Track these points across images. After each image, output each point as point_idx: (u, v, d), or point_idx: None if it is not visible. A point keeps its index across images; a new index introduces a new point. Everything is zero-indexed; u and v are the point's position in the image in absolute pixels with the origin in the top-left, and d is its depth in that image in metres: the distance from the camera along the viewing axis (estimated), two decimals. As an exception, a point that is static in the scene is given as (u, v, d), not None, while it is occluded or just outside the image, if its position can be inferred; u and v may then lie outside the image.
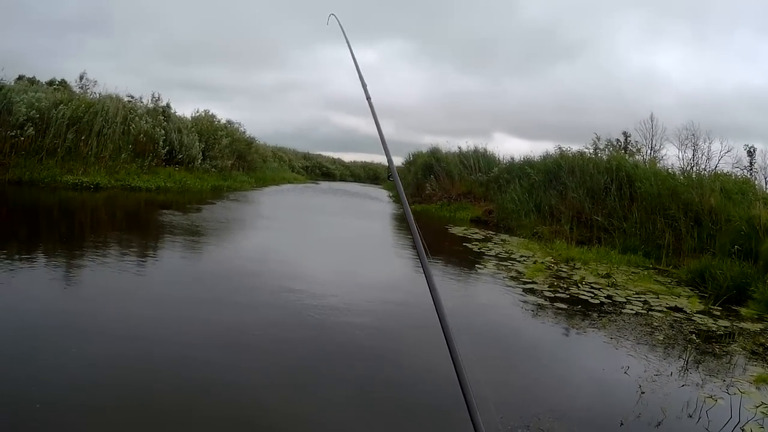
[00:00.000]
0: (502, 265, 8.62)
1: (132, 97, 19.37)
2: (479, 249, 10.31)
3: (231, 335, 4.18)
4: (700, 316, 6.24)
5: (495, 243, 11.38)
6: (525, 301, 6.33)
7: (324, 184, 36.89)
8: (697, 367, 4.51)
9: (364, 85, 3.16)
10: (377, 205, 20.67)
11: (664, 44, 58.94)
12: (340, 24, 3.88)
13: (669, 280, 8.39)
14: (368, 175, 51.37)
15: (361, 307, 5.49)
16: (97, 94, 18.10)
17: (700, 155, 14.32)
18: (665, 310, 6.39)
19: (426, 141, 71.58)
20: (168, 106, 20.50)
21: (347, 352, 4.14)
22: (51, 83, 20.35)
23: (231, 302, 5.13)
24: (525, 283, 7.32)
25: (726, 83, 42.35)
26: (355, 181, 49.90)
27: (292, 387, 3.40)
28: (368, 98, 3.08)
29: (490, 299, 6.66)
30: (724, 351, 5.03)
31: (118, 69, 44.98)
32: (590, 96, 51.51)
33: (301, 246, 9.67)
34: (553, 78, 60.26)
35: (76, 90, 18.98)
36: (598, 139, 18.10)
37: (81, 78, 19.49)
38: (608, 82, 52.94)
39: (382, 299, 5.96)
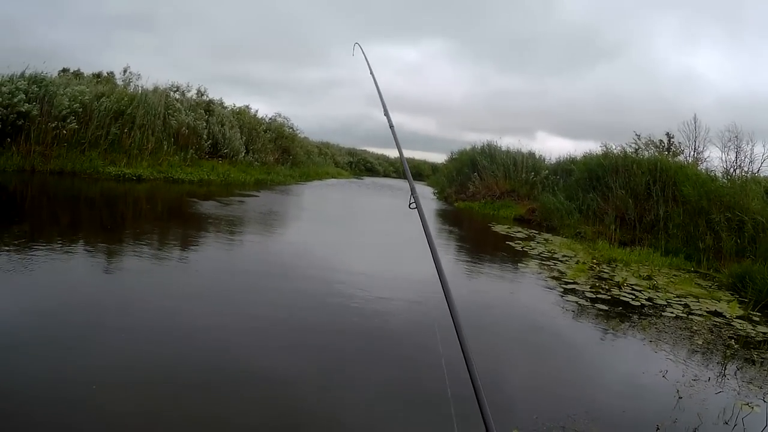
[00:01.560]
0: (545, 264, 8.60)
1: (177, 88, 19.52)
2: (522, 248, 10.29)
3: (268, 327, 4.39)
4: (740, 321, 6.14)
5: (538, 242, 11.33)
6: (566, 301, 6.34)
7: (368, 180, 36.96)
8: (735, 374, 4.47)
9: (386, 113, 3.22)
10: (422, 204, 20.71)
11: (701, 47, 57.65)
12: (363, 53, 4.01)
13: (710, 284, 8.22)
14: (411, 171, 50.71)
15: (401, 305, 5.59)
16: (140, 87, 18.12)
17: (743, 158, 13.88)
18: (705, 314, 6.30)
19: (469, 138, 71.31)
20: (211, 100, 20.74)
21: (381, 350, 4.27)
22: (98, 75, 20.51)
23: (270, 294, 5.34)
24: (566, 283, 7.30)
25: (764, 86, 40.75)
26: (399, 177, 49.70)
27: (327, 377, 3.56)
28: (391, 126, 3.14)
29: (530, 298, 6.68)
30: (762, 357, 4.96)
31: (164, 65, 46.52)
32: (631, 97, 50.47)
33: (343, 243, 9.84)
34: (594, 78, 59.38)
35: (120, 83, 19.01)
36: (639, 137, 17.69)
37: (125, 71, 19.46)
38: (648, 84, 51.83)
39: (425, 297, 6.03)
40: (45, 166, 12.55)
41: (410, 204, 2.39)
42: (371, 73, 3.71)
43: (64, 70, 19.54)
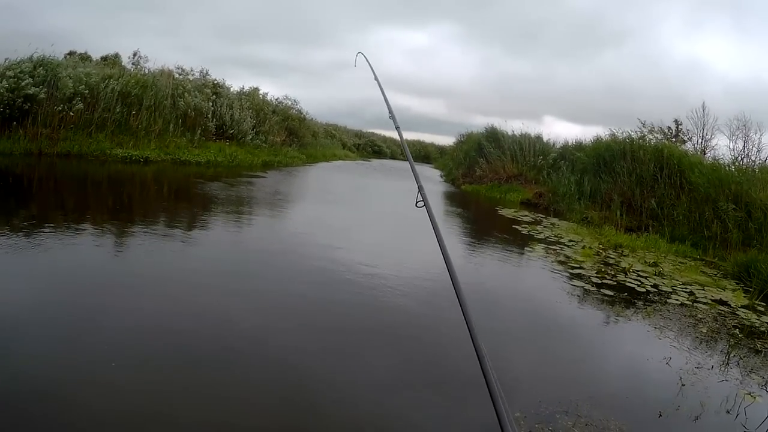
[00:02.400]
0: (551, 248, 8.57)
1: (182, 70, 19.32)
2: (528, 232, 10.27)
3: (278, 305, 4.43)
4: (744, 310, 6.11)
5: (544, 226, 11.29)
6: (571, 286, 6.33)
7: (375, 162, 36.67)
8: (738, 363, 4.46)
9: (392, 115, 3.22)
10: (429, 186, 20.66)
11: (706, 34, 57.09)
12: (368, 61, 3.98)
13: (715, 272, 8.17)
14: (419, 153, 50.28)
15: (406, 286, 5.60)
16: (147, 70, 17.94)
17: (750, 146, 13.76)
18: (710, 302, 6.28)
19: (477, 122, 70.99)
20: (217, 83, 20.49)
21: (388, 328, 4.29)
22: (105, 59, 20.25)
23: (280, 273, 5.36)
24: (573, 268, 7.28)
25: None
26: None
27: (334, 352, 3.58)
28: (397, 128, 3.15)
29: (536, 283, 6.66)
30: (765, 348, 4.95)
31: (173, 47, 46.03)
32: (638, 83, 49.86)
33: (349, 225, 9.85)
34: (601, 64, 59.06)
35: (128, 66, 18.84)
36: (644, 124, 17.50)
37: (134, 55, 19.28)
38: (655, 70, 51.29)
39: (434, 278, 6.04)
40: (52, 148, 12.37)
41: (417, 202, 2.11)
42: (376, 79, 3.69)
43: (71, 53, 19.35)
